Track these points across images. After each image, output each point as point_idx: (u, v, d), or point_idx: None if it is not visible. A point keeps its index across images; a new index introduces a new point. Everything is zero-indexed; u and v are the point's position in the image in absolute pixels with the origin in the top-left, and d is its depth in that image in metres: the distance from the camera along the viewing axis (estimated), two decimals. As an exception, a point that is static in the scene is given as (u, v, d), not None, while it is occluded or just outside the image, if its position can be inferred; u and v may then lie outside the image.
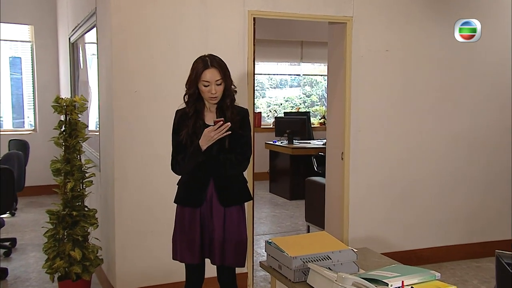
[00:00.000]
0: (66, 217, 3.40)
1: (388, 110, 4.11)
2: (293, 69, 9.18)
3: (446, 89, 4.29)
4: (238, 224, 2.47)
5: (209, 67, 2.35)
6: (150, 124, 3.40)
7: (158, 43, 3.40)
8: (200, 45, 3.42)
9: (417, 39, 4.14)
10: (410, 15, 4.11)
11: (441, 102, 4.28)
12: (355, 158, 3.99)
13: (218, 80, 2.36)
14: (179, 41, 3.43)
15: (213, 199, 2.44)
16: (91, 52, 4.63)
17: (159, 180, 3.40)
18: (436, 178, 4.32)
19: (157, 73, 3.40)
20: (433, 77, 4.24)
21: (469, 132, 4.40)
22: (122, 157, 3.36)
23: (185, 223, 2.45)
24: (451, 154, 4.36)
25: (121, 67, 3.32)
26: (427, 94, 4.23)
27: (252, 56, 3.63)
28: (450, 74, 4.29)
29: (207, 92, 2.35)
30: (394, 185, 4.18)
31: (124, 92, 3.34)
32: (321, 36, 7.82)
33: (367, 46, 3.97)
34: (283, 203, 6.83)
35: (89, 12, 4.13)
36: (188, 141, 2.39)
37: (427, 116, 4.24)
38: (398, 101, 4.14)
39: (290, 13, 3.73)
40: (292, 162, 6.92)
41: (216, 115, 2.45)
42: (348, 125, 3.95)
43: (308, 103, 9.44)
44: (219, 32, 3.53)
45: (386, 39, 4.04)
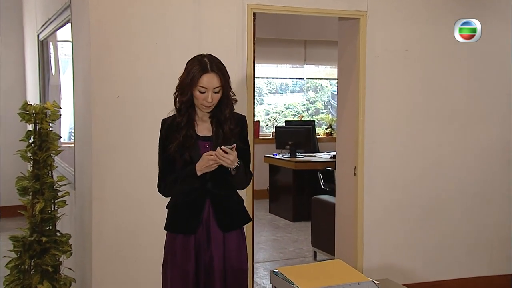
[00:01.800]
0: (33, 244, 3.36)
1: (407, 119, 4.12)
2: (295, 72, 9.21)
3: (473, 95, 4.31)
4: (239, 251, 2.45)
5: (208, 71, 2.32)
6: (135, 134, 3.38)
7: (144, 41, 3.39)
8: (192, 44, 3.42)
9: (442, 38, 4.16)
10: (434, 9, 4.14)
11: (468, 110, 4.30)
12: (370, 174, 3.98)
13: (217, 88, 2.34)
14: (169, 40, 3.43)
15: (211, 223, 2.42)
16: (64, 52, 4.62)
17: (145, 201, 3.38)
18: (463, 196, 4.32)
19: (143, 76, 3.39)
20: (459, 81, 4.26)
21: (499, 143, 4.41)
22: (101, 173, 3.34)
23: (177, 253, 2.43)
24: (480, 168, 4.37)
25: (101, 69, 3.32)
26: (452, 100, 4.24)
27: (252, 57, 3.64)
28: (479, 78, 4.31)
29: (201, 99, 2.34)
30: (414, 205, 4.17)
31: (104, 98, 3.33)
32: (328, 34, 7.86)
33: (384, 45, 3.98)
34: (285, 226, 6.80)
35: (62, 5, 4.13)
36: (177, 154, 2.37)
37: (452, 126, 4.25)
38: (419, 108, 4.15)
39: (296, 7, 3.75)
40: (295, 178, 6.91)
41: (212, 127, 2.43)
42: (362, 135, 3.95)
43: (312, 111, 9.47)
44: (215, 29, 3.54)
45: (405, 37, 4.06)
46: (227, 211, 2.46)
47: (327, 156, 6.97)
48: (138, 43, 3.39)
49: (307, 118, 9.20)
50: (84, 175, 3.59)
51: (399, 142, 4.10)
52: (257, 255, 5.38)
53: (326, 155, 7.16)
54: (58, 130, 4.32)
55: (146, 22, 3.40)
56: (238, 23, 3.59)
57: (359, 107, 3.94)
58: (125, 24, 3.36)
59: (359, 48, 3.92)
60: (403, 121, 4.11)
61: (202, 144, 2.41)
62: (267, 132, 9.02)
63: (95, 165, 3.33)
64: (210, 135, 2.43)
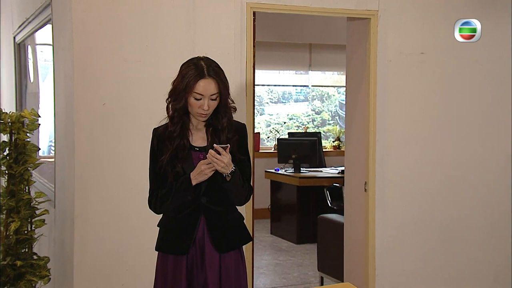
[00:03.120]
0: (7, 269, 3.35)
1: (423, 129, 4.13)
2: (299, 79, 9.24)
3: (497, 103, 4.32)
4: (238, 275, 2.45)
5: (205, 76, 2.32)
6: (123, 146, 3.39)
7: (132, 43, 3.41)
8: (186, 46, 3.44)
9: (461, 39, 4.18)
10: (452, 8, 4.16)
11: (491, 120, 4.31)
12: (382, 190, 3.98)
13: (214, 95, 2.34)
14: (160, 41, 3.44)
15: (205, 242, 2.42)
16: (44, 57, 4.64)
17: (134, 219, 3.37)
18: (488, 216, 4.31)
19: (131, 81, 3.40)
20: (481, 87, 4.27)
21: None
22: (85, 189, 3.34)
23: (168, 275, 2.42)
24: (506, 184, 4.36)
25: (84, 74, 3.32)
26: (473, 108, 4.25)
27: (251, 61, 3.66)
28: (503, 83, 4.32)
29: (197, 107, 2.34)
30: (432, 225, 4.16)
31: (88, 105, 3.33)
32: (336, 37, 7.91)
33: (397, 48, 4.01)
34: (289, 248, 6.79)
35: (41, 3, 4.15)
36: (168, 166, 2.37)
37: (473, 137, 4.26)
38: (436, 117, 4.16)
39: (299, 6, 3.78)
40: (300, 195, 6.90)
41: (207, 136, 2.43)
42: (373, 148, 3.96)
43: (318, 122, 9.49)
44: (210, 30, 3.56)
45: (421, 39, 4.07)
46: (224, 229, 2.45)
47: (335, 171, 6.97)
48: (126, 45, 3.40)
49: (312, 129, 9.22)
50: (65, 191, 3.59)
51: (415, 154, 4.10)
52: (258, 281, 5.35)
53: (333, 170, 7.16)
54: (36, 141, 4.33)
55: (135, 22, 3.41)
56: (237, 23, 3.61)
57: (370, 116, 3.95)
58: (112, 24, 3.38)
59: (370, 51, 3.94)
60: (418, 131, 4.11)
61: (195, 155, 2.42)
62: (269, 145, 9.04)
63: (78, 179, 3.33)
64: (204, 145, 2.43)
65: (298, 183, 6.84)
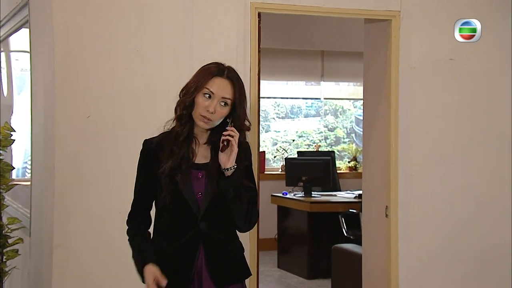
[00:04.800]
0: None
1: (453, 145, 4.11)
2: (309, 90, 9.23)
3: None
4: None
5: (223, 76, 2.35)
6: (110, 165, 3.39)
7: (122, 48, 3.42)
8: (182, 52, 3.44)
9: (495, 43, 4.18)
10: (485, 8, 4.16)
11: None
12: (406, 216, 3.96)
13: (226, 99, 2.35)
14: (153, 46, 3.45)
15: (203, 275, 2.40)
16: (20, 66, 4.64)
17: (121, 250, 3.28)
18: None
19: (120, 90, 3.41)
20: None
21: None
22: (66, 214, 3.33)
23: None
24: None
25: (67, 84, 3.33)
26: (510, 122, 4.23)
27: (256, 68, 3.66)
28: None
29: (202, 107, 2.33)
30: (465, 256, 4.13)
31: (71, 118, 3.34)
32: (352, 43, 7.86)
33: (422, 53, 4.01)
34: (299, 284, 6.73)
35: (17, 3, 4.18)
36: (167, 178, 2.36)
37: (509, 154, 4.23)
38: (467, 132, 4.15)
39: (310, 6, 3.80)
40: (311, 223, 6.85)
41: (211, 153, 2.42)
42: (395, 167, 3.94)
43: (331, 140, 9.48)
44: (210, 33, 3.57)
45: (449, 43, 4.07)
46: (224, 260, 2.44)
47: (351, 196, 6.93)
48: (115, 50, 3.41)
49: (325, 148, 9.21)
50: (43, 216, 3.57)
51: (443, 174, 4.08)
52: (262, 323, 5.30)
53: (349, 194, 7.13)
54: (10, 160, 4.32)
55: (125, 24, 3.43)
56: (239, 26, 3.62)
57: (391, 132, 3.94)
58: (98, 27, 3.39)
59: (391, 58, 3.93)
60: (447, 148, 4.09)
61: (194, 174, 2.41)
62: (275, 166, 9.01)
63: (58, 203, 3.32)
64: (206, 162, 2.42)
65: (309, 209, 6.79)
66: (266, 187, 7.69)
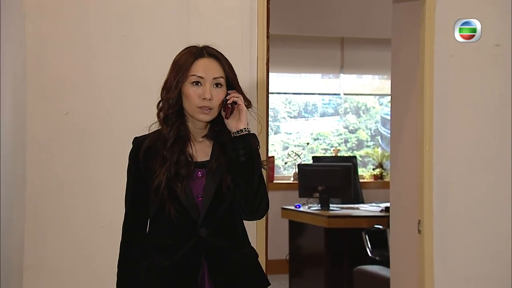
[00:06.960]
0: None
1: (498, 149, 4.11)
2: (327, 85, 9.25)
3: None
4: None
5: (204, 55, 2.42)
6: (92, 170, 3.40)
7: (105, 33, 3.44)
8: (177, 38, 3.44)
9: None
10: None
11: None
12: (443, 231, 3.97)
13: (218, 79, 2.40)
14: (142, 31, 3.48)
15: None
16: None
17: (105, 270, 3.29)
18: None
19: (103, 83, 3.43)
20: None
21: None
22: (39, 230, 3.35)
23: None
24: None
25: (41, 75, 3.36)
26: None
27: (265, 57, 3.67)
28: None
29: (196, 97, 2.37)
30: (510, 279, 4.11)
31: (46, 115, 3.36)
32: (377, 29, 7.89)
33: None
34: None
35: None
36: (165, 190, 2.37)
37: None
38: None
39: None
40: (329, 241, 6.84)
41: (212, 149, 2.45)
42: (429, 175, 3.95)
43: (352, 143, 9.49)
44: (209, 17, 3.59)
45: (495, 26, 4.08)
46: (230, 273, 2.46)
47: (376, 209, 6.93)
48: (97, 35, 3.43)
49: (345, 153, 9.24)
50: (11, 233, 3.57)
51: (486, 183, 4.09)
52: None
53: (374, 207, 7.13)
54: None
55: (110, 5, 3.45)
56: (245, 7, 3.63)
57: (424, 133, 3.94)
58: (78, 8, 3.41)
59: (424, 44, 3.94)
60: (491, 152, 4.10)
61: (195, 172, 2.44)
62: (286, 173, 9.04)
63: (29, 217, 3.34)
64: (206, 160, 2.45)
65: (326, 225, 6.78)
66: (276, 199, 7.68)
